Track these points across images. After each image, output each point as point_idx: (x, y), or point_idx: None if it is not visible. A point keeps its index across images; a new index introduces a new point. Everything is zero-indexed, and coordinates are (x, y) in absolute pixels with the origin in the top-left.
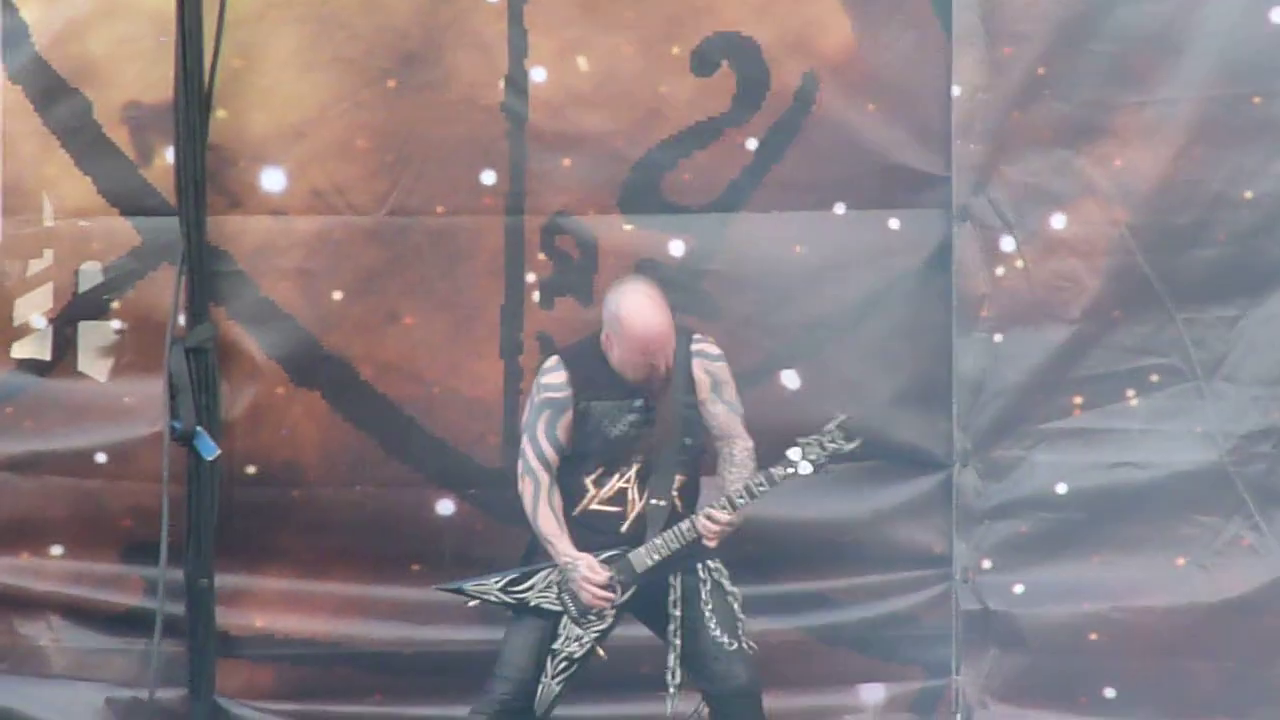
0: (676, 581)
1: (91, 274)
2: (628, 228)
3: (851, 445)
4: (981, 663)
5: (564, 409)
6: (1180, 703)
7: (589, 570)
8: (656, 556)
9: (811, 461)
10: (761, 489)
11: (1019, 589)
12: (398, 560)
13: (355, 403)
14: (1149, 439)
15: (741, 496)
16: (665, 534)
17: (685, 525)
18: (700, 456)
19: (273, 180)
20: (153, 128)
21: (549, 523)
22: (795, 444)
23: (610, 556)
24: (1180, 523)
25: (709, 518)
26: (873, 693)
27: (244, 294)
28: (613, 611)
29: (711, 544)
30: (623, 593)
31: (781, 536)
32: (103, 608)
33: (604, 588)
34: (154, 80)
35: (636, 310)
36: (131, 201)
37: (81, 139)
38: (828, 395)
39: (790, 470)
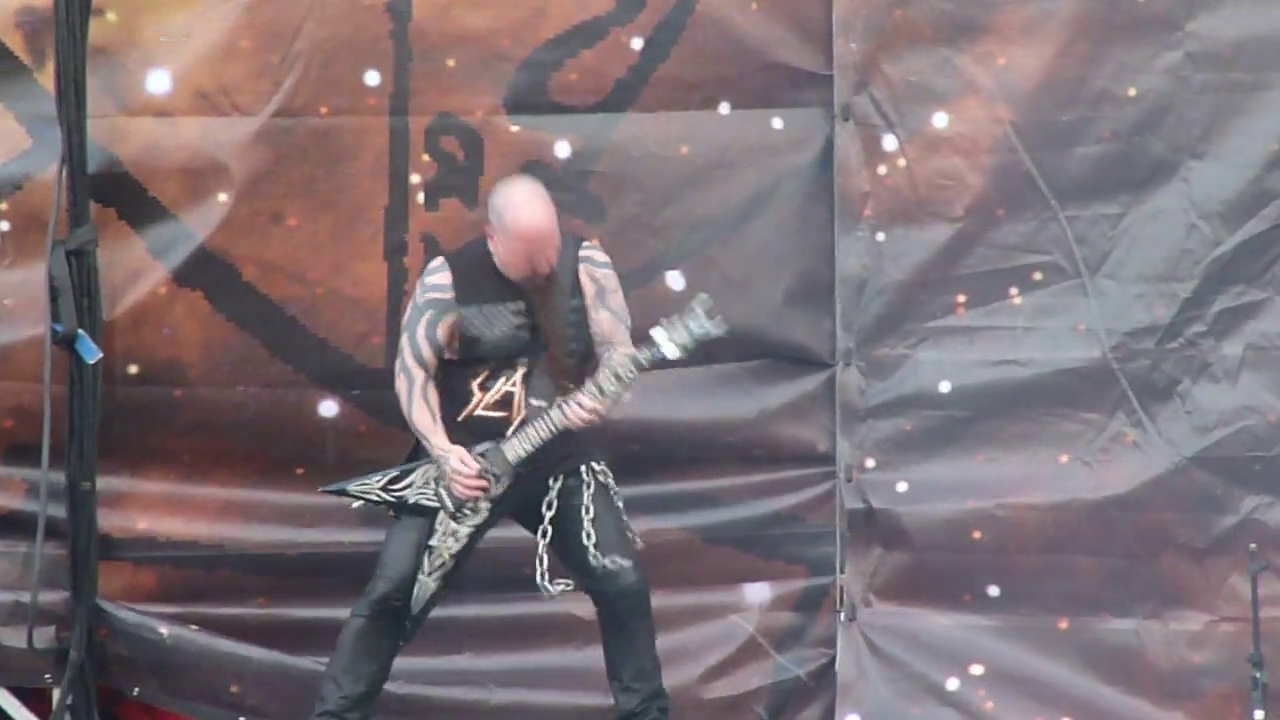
0: (556, 483)
1: None
2: (514, 128)
3: (716, 326)
4: (866, 561)
5: (446, 310)
6: (1064, 599)
7: (460, 462)
8: (528, 446)
9: (676, 343)
10: (629, 373)
11: (903, 487)
12: (281, 462)
13: (238, 303)
14: (1032, 336)
15: (610, 382)
16: (535, 423)
17: (555, 413)
18: (586, 363)
19: (158, 82)
20: (46, 32)
21: (423, 417)
22: (659, 325)
23: (483, 450)
24: (1063, 420)
25: (577, 404)
26: (757, 591)
27: (129, 195)
28: (487, 505)
29: (580, 425)
30: (496, 484)
31: (666, 436)
32: None
33: (476, 478)
34: None
35: (520, 206)
36: (26, 105)
37: None
38: (712, 295)
39: (655, 352)
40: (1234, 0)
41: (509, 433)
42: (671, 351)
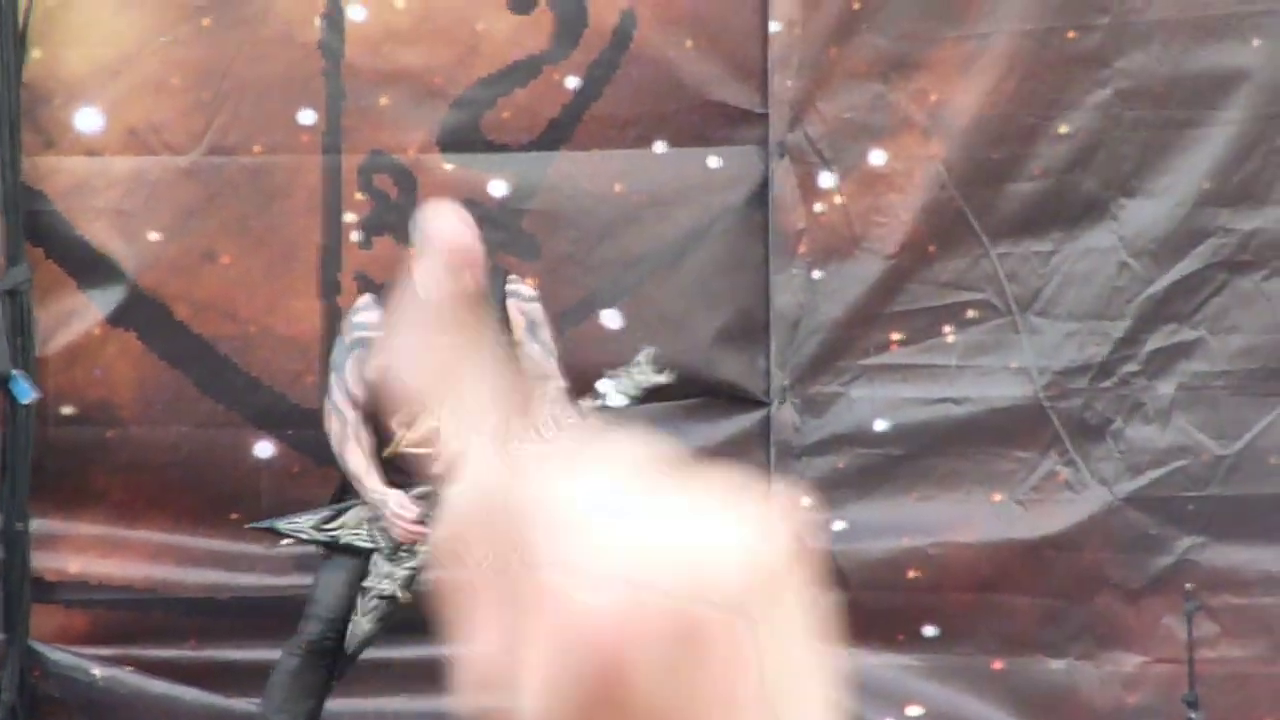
0: None
1: None
2: (448, 167)
3: (661, 377)
4: None
5: (374, 349)
6: (999, 639)
7: (399, 506)
8: None
9: (622, 393)
10: (569, 421)
11: (838, 526)
12: (215, 505)
13: (171, 342)
14: (966, 375)
15: (549, 429)
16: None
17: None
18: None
19: (88, 120)
20: None
21: (356, 460)
22: (605, 376)
23: (421, 493)
24: (997, 459)
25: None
26: None
27: (60, 234)
28: (425, 548)
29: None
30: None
31: None
32: None
33: (416, 522)
34: None
35: (440, 221)
36: None
37: None
38: (648, 333)
39: (600, 403)
40: (1164, 37)
41: (435, 469)
42: (617, 401)
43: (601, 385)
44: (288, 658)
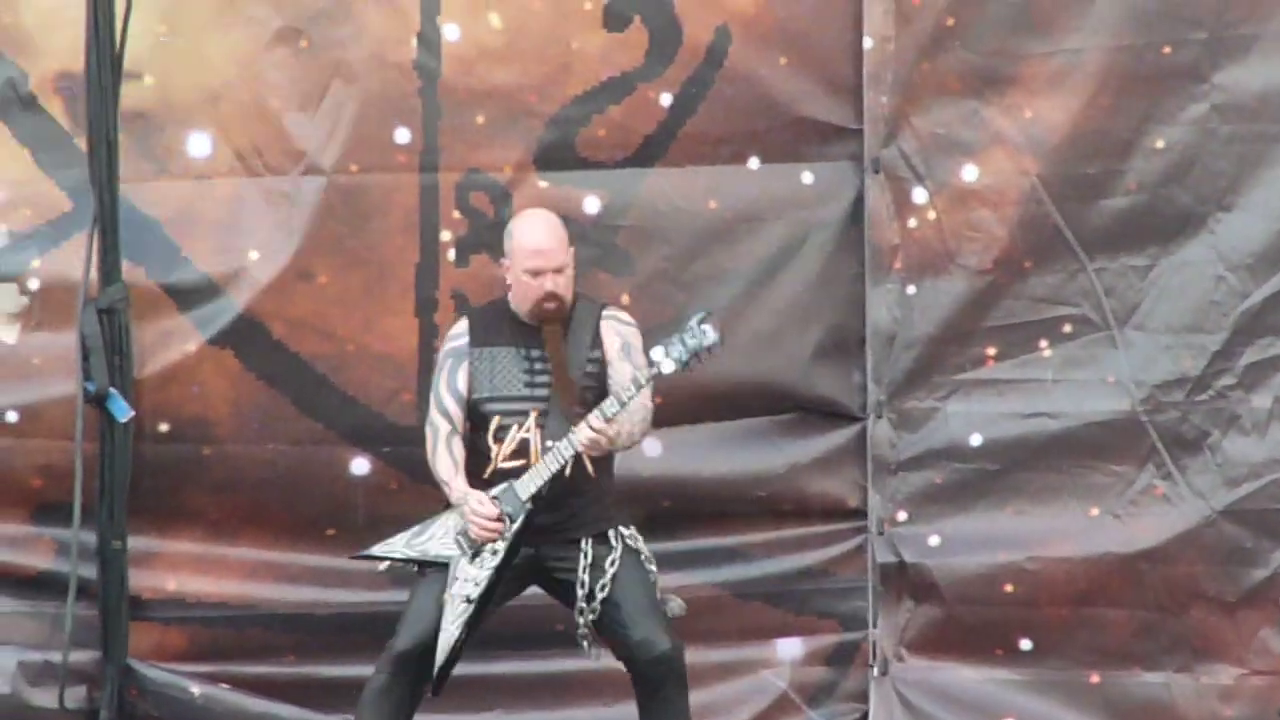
0: (588, 547)
1: (18, 236)
2: (542, 184)
3: (713, 338)
4: (897, 615)
5: (463, 358)
6: (1094, 653)
7: (478, 504)
8: (539, 480)
9: (675, 359)
10: (628, 393)
11: (934, 540)
12: (311, 521)
13: (267, 360)
14: (1061, 389)
15: (613, 405)
16: (545, 457)
17: (562, 444)
18: None
19: (198, 145)
20: (84, 97)
21: (445, 465)
22: (658, 344)
23: (498, 491)
24: (1093, 472)
25: (583, 427)
26: (789, 646)
27: (164, 255)
28: (503, 545)
29: (589, 451)
30: (511, 524)
31: (696, 491)
32: (13, 570)
33: (493, 519)
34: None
35: (527, 221)
36: (66, 172)
37: (16, 110)
38: (742, 349)
39: (655, 369)
40: (1260, 52)
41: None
42: (669, 367)
43: (654, 353)
44: (377, 675)
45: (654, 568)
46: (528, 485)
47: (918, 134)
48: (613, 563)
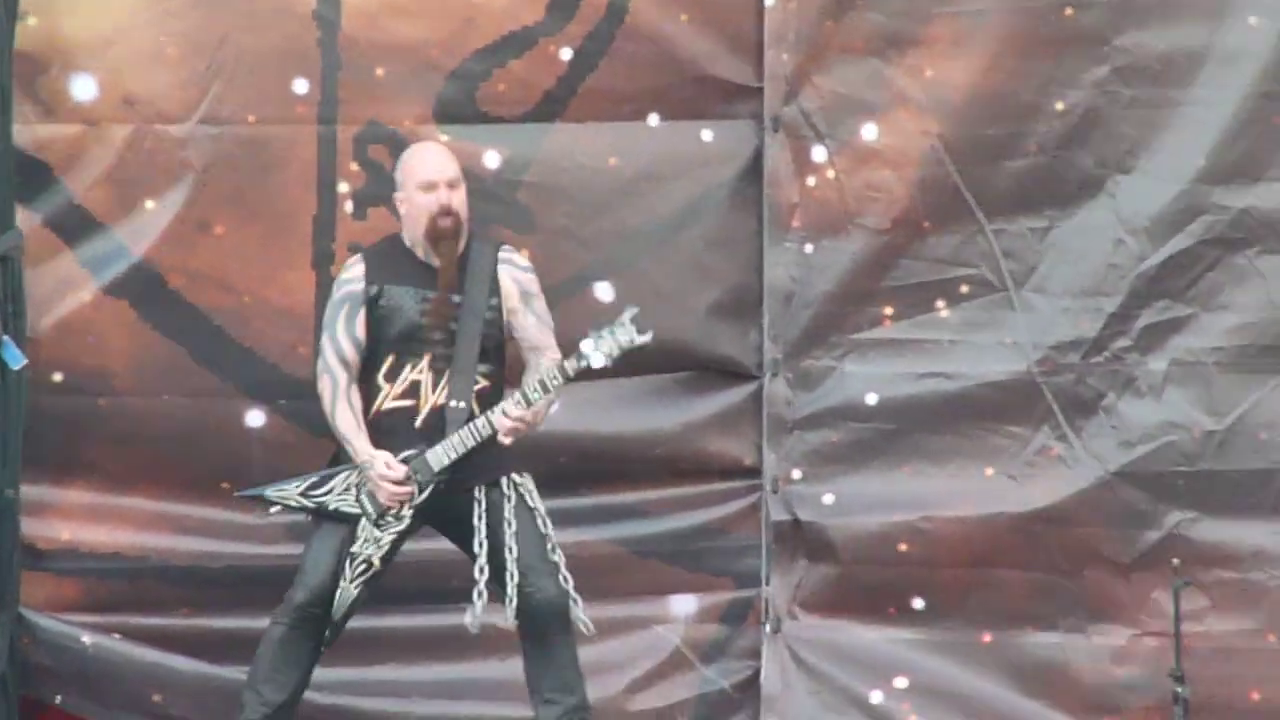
0: (481, 495)
1: None
2: (443, 138)
3: (643, 337)
4: (791, 573)
5: (361, 302)
6: (989, 613)
7: (385, 468)
8: (453, 454)
9: (604, 354)
10: (555, 382)
11: (829, 499)
12: (207, 475)
13: (164, 312)
14: (959, 349)
15: (535, 390)
16: (461, 431)
17: (481, 422)
18: (502, 366)
19: (84, 88)
20: None
21: (347, 421)
22: (588, 336)
23: (407, 456)
24: (989, 433)
25: (504, 413)
26: (683, 604)
27: (57, 202)
28: (409, 513)
29: (507, 440)
30: (420, 492)
31: (593, 448)
32: None
33: (400, 484)
34: None
35: (418, 147)
36: None
37: None
38: (641, 307)
39: (583, 362)
40: (1161, 15)
41: (416, 423)
42: (599, 361)
43: (584, 346)
44: (275, 626)
45: (543, 514)
46: (440, 457)
47: (819, 92)
48: (507, 509)
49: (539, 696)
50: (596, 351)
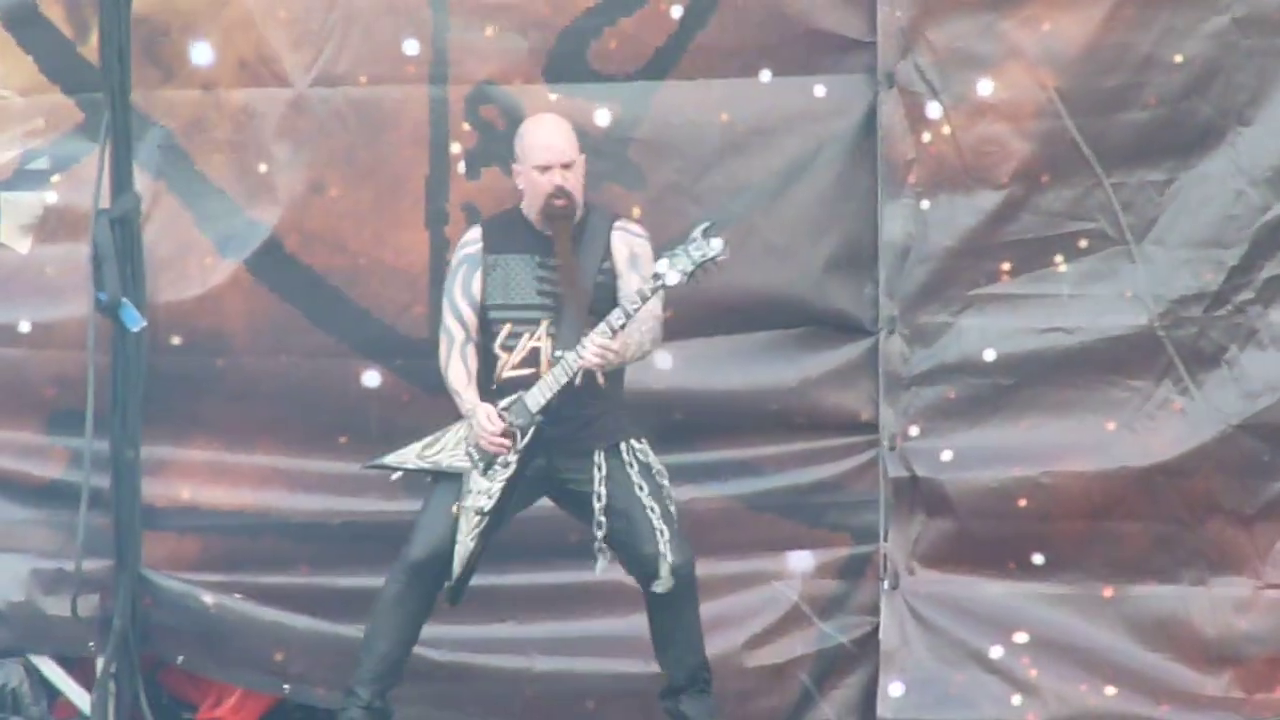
0: (601, 460)
1: (36, 151)
2: (553, 97)
3: (718, 249)
4: (909, 529)
5: (477, 265)
6: (1109, 567)
7: (486, 418)
8: (548, 393)
9: (680, 271)
10: (634, 306)
11: (947, 455)
12: (324, 431)
13: (280, 273)
14: (1077, 304)
15: (619, 318)
16: (554, 369)
17: (570, 356)
18: None
19: (201, 53)
20: (87, 4)
21: (458, 375)
22: (661, 256)
23: (507, 403)
24: (1110, 387)
25: (590, 341)
26: (801, 559)
27: (178, 168)
28: (514, 458)
29: (596, 363)
30: (522, 437)
31: (709, 404)
32: (27, 479)
33: (501, 432)
34: None
35: (535, 121)
36: (73, 78)
37: (19, 17)
38: (754, 262)
39: (660, 282)
40: None
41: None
42: (674, 279)
43: (659, 265)
44: (391, 583)
45: (666, 481)
46: (536, 397)
47: (933, 47)
48: (633, 474)
49: (664, 657)
50: (672, 270)
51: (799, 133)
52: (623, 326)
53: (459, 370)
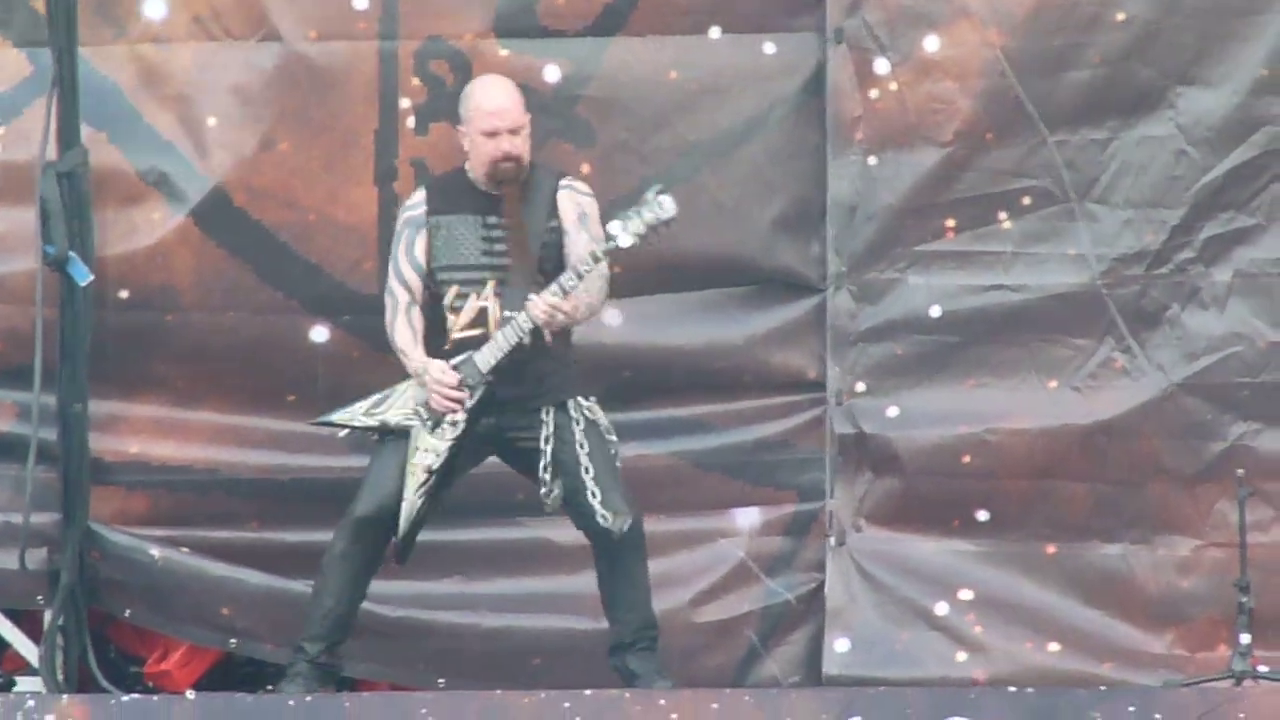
0: (548, 417)
1: None
2: (503, 52)
3: (670, 211)
4: (855, 486)
5: (421, 228)
6: (1052, 525)
7: (439, 373)
8: (499, 353)
9: (633, 233)
10: (585, 267)
11: (893, 412)
12: (273, 388)
13: (229, 228)
14: (1021, 261)
15: (570, 279)
16: (504, 329)
17: (520, 316)
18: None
19: (154, 7)
20: None
21: (404, 337)
22: (615, 218)
23: (457, 362)
24: (1053, 345)
25: (540, 298)
26: (747, 516)
27: (126, 121)
28: (463, 417)
29: (543, 321)
30: (471, 396)
31: (655, 362)
32: None
33: (454, 389)
34: None
35: (482, 83)
36: (22, 32)
37: None
38: (703, 221)
39: (612, 244)
40: None
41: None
42: (626, 241)
43: (611, 227)
44: (338, 539)
45: (614, 438)
46: (487, 357)
47: (882, 5)
48: (578, 432)
49: (612, 614)
50: (625, 232)
51: (748, 90)
52: (574, 288)
53: (405, 332)
